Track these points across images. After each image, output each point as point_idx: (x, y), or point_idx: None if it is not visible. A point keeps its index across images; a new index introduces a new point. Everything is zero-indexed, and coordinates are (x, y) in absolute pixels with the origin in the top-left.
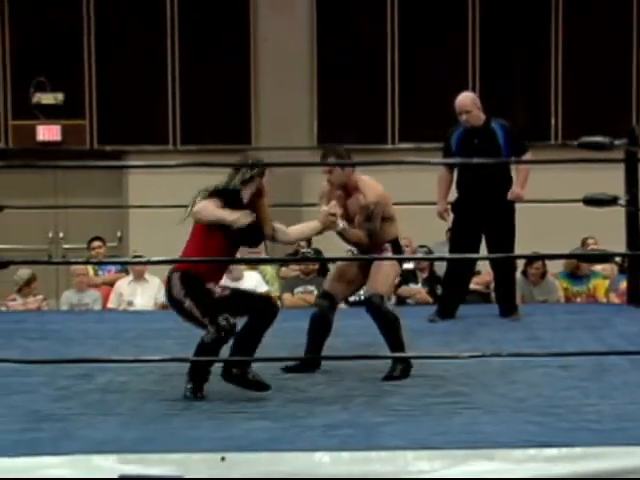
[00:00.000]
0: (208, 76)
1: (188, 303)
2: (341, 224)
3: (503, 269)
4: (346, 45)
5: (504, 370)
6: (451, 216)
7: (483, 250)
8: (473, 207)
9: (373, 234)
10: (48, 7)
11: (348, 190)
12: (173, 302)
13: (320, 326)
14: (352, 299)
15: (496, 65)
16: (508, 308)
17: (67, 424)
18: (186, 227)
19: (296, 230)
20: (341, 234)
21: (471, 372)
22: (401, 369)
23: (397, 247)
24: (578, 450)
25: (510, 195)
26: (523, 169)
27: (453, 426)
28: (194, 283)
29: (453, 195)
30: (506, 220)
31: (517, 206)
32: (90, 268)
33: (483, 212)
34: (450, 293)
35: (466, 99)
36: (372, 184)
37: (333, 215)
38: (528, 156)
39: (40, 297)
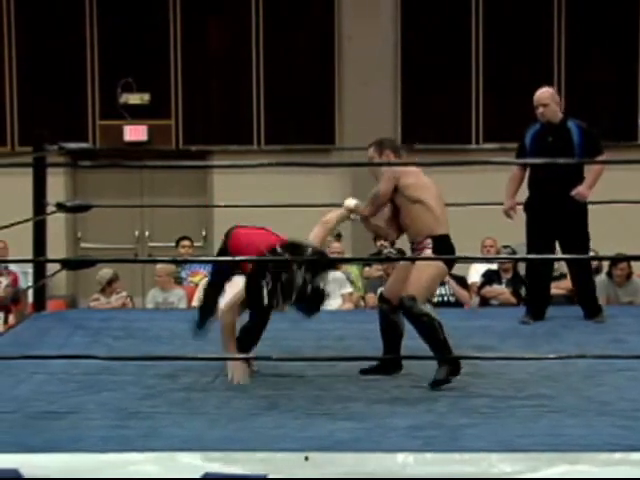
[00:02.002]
0: (292, 76)
1: None
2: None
3: (580, 271)
4: (430, 44)
5: (589, 373)
6: (519, 215)
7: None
8: (544, 207)
9: (377, 198)
10: (135, 8)
11: None
12: None
13: (386, 328)
14: (436, 299)
15: (581, 64)
16: (591, 310)
17: (154, 422)
18: (271, 226)
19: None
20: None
21: (556, 375)
22: (447, 371)
23: (441, 245)
24: None
25: (574, 192)
26: (594, 170)
27: (537, 429)
28: None
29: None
30: (578, 221)
31: (602, 207)
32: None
33: (555, 212)
34: (534, 294)
35: (545, 92)
36: (409, 169)
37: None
38: (603, 158)
39: (124, 294)
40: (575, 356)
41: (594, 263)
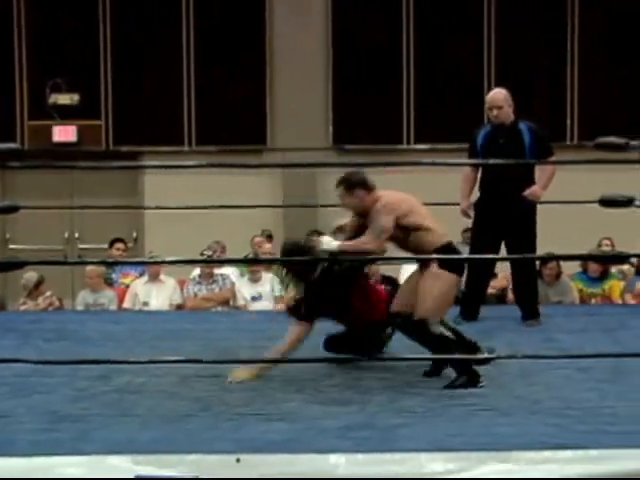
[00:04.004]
0: (224, 77)
1: None
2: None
3: (524, 272)
4: (361, 46)
5: (521, 372)
6: (457, 215)
7: (502, 252)
8: (494, 208)
9: (382, 233)
10: (64, 8)
11: (367, 213)
12: None
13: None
14: None
15: (512, 66)
16: (530, 312)
17: (85, 425)
18: (201, 227)
19: None
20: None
21: (488, 374)
22: (465, 380)
23: (448, 253)
24: (594, 452)
25: (527, 192)
26: (547, 170)
27: (469, 428)
28: None
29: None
30: (527, 223)
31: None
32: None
33: (504, 213)
34: (472, 295)
35: (499, 94)
36: (390, 194)
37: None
38: (554, 159)
39: (48, 294)
40: (505, 356)
41: None
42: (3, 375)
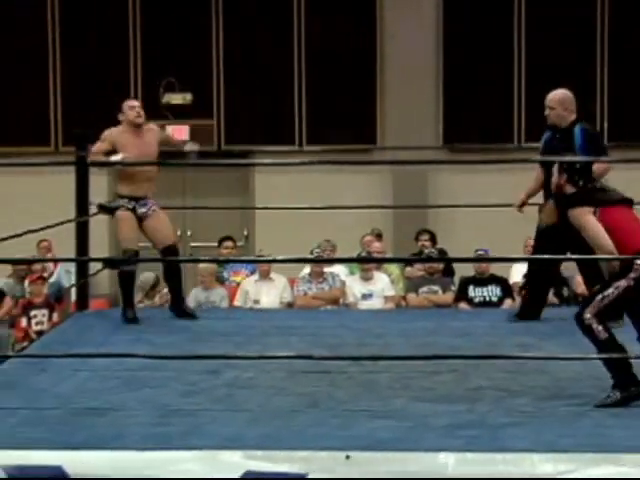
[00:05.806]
0: (334, 75)
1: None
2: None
3: (588, 274)
4: (472, 43)
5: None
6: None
7: None
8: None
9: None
10: (178, 8)
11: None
12: None
13: None
14: (478, 300)
15: (624, 65)
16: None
17: (195, 419)
18: (312, 226)
19: None
20: None
21: (600, 374)
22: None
23: None
24: None
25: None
26: (597, 168)
27: (580, 429)
28: None
29: None
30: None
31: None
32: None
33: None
34: (532, 295)
35: (554, 95)
36: None
37: None
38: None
39: (164, 291)
40: (616, 356)
41: None
42: (115, 369)
